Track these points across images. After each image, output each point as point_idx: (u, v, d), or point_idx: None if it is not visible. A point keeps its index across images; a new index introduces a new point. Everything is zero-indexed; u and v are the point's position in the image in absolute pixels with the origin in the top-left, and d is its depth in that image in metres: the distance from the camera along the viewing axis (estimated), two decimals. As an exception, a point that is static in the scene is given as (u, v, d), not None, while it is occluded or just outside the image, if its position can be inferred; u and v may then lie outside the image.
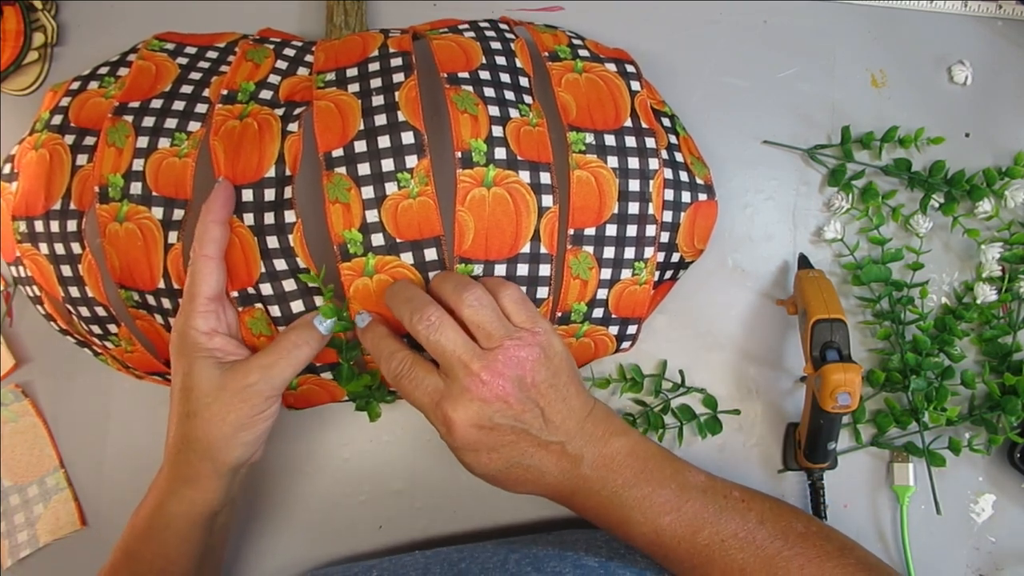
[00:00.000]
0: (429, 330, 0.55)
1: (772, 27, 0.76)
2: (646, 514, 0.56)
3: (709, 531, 0.55)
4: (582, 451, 0.57)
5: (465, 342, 0.55)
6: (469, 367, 0.54)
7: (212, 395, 0.56)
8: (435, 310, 0.56)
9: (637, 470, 0.57)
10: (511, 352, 0.55)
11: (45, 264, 0.61)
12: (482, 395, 0.54)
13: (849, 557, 0.55)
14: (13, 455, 0.71)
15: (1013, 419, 0.70)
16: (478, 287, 0.57)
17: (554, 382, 0.57)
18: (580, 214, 0.61)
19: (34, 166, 0.61)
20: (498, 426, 0.55)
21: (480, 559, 0.61)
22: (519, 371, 0.55)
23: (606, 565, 0.60)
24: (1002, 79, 0.76)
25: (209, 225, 0.56)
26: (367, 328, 0.60)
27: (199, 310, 0.57)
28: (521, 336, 0.56)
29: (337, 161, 0.57)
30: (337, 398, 0.66)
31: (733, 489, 0.58)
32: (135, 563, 0.59)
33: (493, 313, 0.56)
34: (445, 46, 0.63)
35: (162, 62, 0.63)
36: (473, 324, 0.56)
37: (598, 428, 0.58)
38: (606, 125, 0.63)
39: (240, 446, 0.57)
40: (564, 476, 0.57)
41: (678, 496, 0.56)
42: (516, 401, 0.55)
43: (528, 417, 0.55)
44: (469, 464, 0.57)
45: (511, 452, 0.56)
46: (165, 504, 0.58)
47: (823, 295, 0.66)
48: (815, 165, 0.75)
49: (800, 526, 0.56)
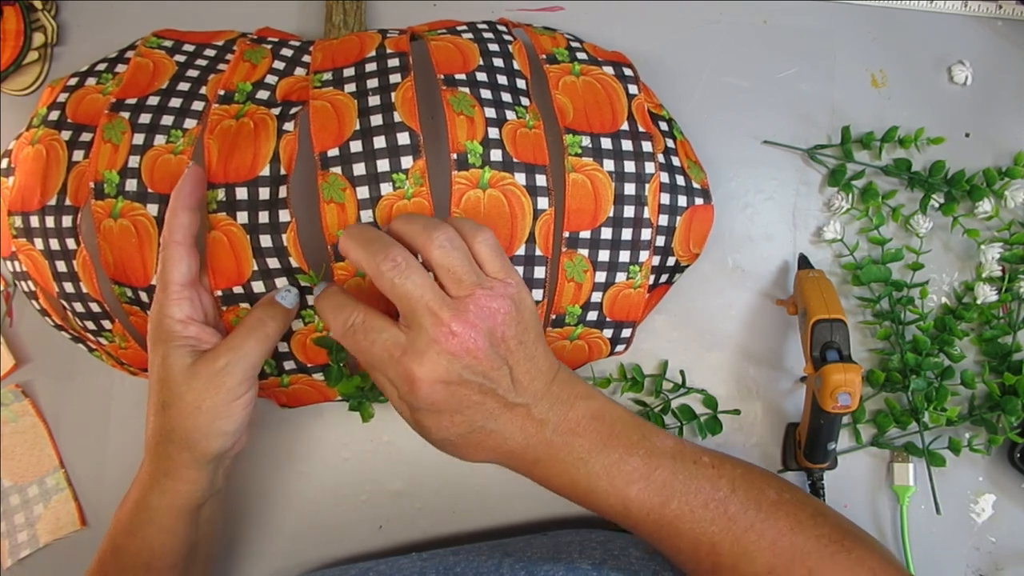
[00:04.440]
0: (394, 272, 0.50)
1: (772, 27, 0.76)
2: (614, 483, 0.53)
3: (679, 501, 0.53)
4: (547, 415, 0.54)
5: (433, 287, 0.51)
6: (438, 315, 0.50)
7: (186, 384, 0.55)
8: (400, 251, 0.51)
9: (604, 435, 0.54)
10: (483, 302, 0.51)
11: (40, 259, 0.61)
12: (451, 348, 0.50)
13: (823, 525, 0.53)
14: (13, 455, 0.72)
15: (1013, 419, 0.70)
16: (450, 228, 0.52)
17: (523, 339, 0.53)
18: (575, 217, 0.61)
19: (30, 162, 0.61)
20: (466, 383, 0.51)
21: (475, 562, 0.60)
22: (490, 323, 0.51)
23: (600, 568, 0.58)
24: (1002, 79, 0.76)
25: (178, 211, 0.55)
26: (322, 291, 0.56)
27: (172, 298, 0.55)
28: (493, 286, 0.52)
29: (332, 161, 0.57)
30: (330, 398, 0.66)
31: (703, 454, 0.55)
32: (121, 556, 0.58)
33: (464, 257, 0.52)
34: (442, 47, 0.63)
35: (160, 59, 0.63)
36: (442, 268, 0.51)
37: (564, 391, 0.55)
38: (603, 128, 0.62)
39: (218, 435, 0.56)
40: (527, 441, 0.54)
41: (647, 463, 0.53)
42: (486, 357, 0.51)
43: (496, 375, 0.52)
44: (427, 427, 0.54)
45: (475, 414, 0.52)
46: (147, 497, 0.58)
47: (823, 295, 0.66)
48: (815, 165, 0.75)
49: (773, 493, 0.54)
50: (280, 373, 0.63)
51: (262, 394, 0.65)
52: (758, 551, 0.52)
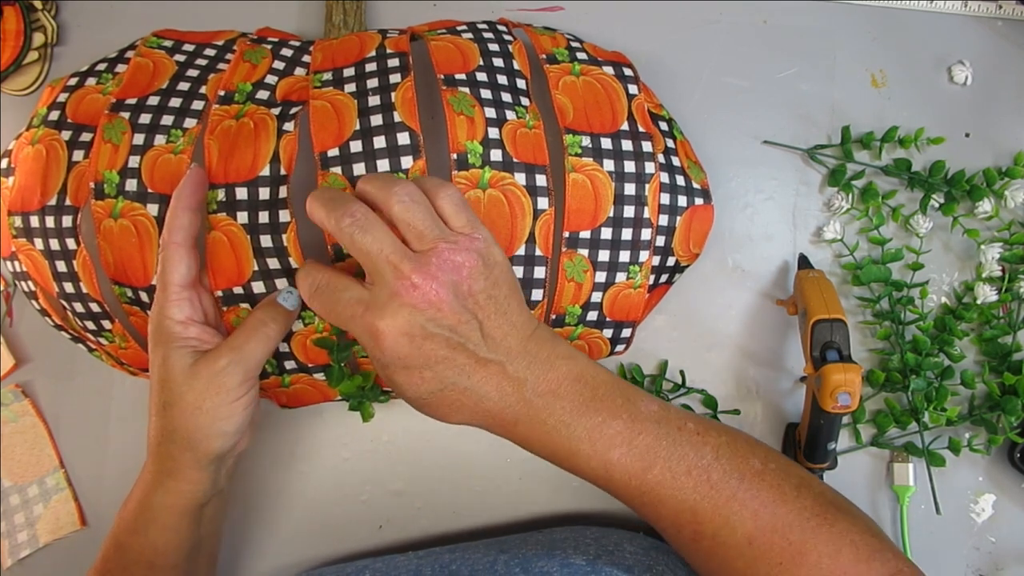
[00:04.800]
0: (353, 227, 0.50)
1: (772, 27, 0.76)
2: (595, 446, 0.52)
3: (661, 467, 0.52)
4: (524, 373, 0.53)
5: (394, 241, 0.50)
6: (399, 268, 0.50)
7: (186, 384, 0.55)
8: (359, 207, 0.51)
9: (586, 397, 0.53)
10: (446, 255, 0.50)
11: (40, 260, 0.61)
12: (412, 300, 0.49)
13: (806, 497, 0.52)
14: (13, 455, 0.72)
15: (1013, 419, 0.70)
16: (410, 184, 0.52)
17: (493, 293, 0.52)
18: (575, 217, 0.61)
19: (30, 162, 0.61)
20: (431, 335, 0.50)
21: (470, 560, 0.60)
22: (454, 276, 0.50)
23: (594, 564, 0.58)
24: (1002, 79, 0.76)
25: (178, 212, 0.55)
26: (299, 268, 0.57)
27: (172, 299, 0.55)
28: (457, 240, 0.51)
29: (333, 161, 0.57)
30: (331, 398, 0.66)
31: (688, 420, 0.55)
32: (124, 554, 0.59)
33: (426, 211, 0.52)
34: (442, 47, 0.63)
35: (160, 59, 0.63)
36: (403, 223, 0.51)
37: (543, 349, 0.54)
38: (603, 128, 0.62)
39: (219, 436, 0.56)
40: (505, 401, 0.53)
41: (630, 428, 0.53)
42: (451, 309, 0.50)
43: (464, 329, 0.51)
44: (400, 385, 0.53)
45: (446, 370, 0.51)
46: (151, 495, 0.58)
47: (823, 295, 0.66)
48: (815, 165, 0.75)
49: (757, 463, 0.53)
50: (281, 373, 0.63)
51: (263, 394, 0.65)
52: (739, 521, 0.51)
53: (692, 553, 0.54)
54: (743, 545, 0.51)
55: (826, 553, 0.50)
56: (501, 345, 0.53)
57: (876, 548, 0.51)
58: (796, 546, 0.50)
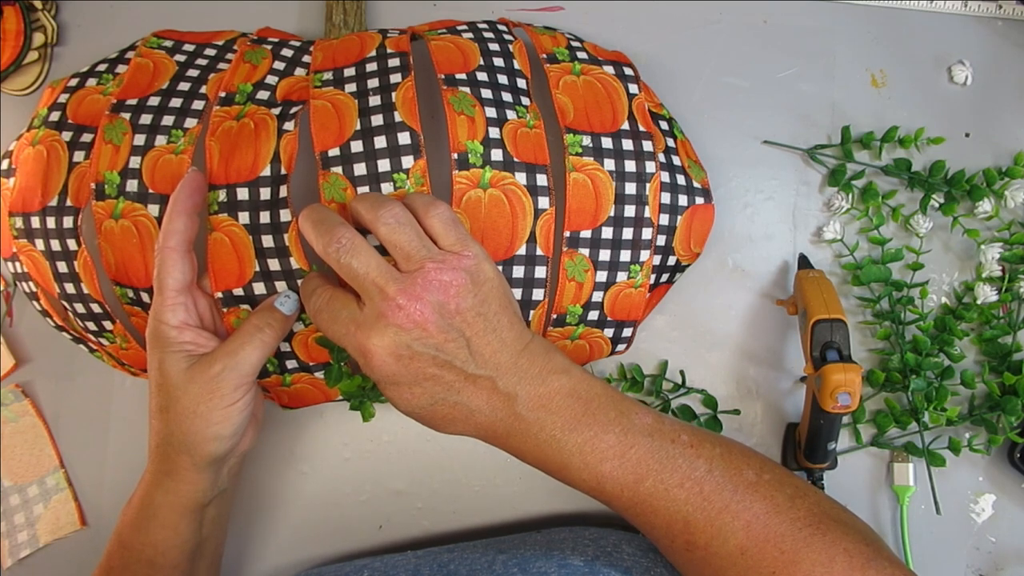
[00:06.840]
0: (340, 252, 0.51)
1: (772, 27, 0.76)
2: (586, 460, 0.53)
3: (653, 479, 0.52)
4: (515, 389, 0.53)
5: (380, 264, 0.52)
6: (384, 290, 0.51)
7: (182, 388, 0.55)
8: (346, 231, 0.52)
9: (578, 412, 0.53)
10: (432, 275, 0.51)
11: (41, 260, 0.61)
12: (398, 321, 0.50)
13: (799, 508, 0.52)
14: (13, 455, 0.72)
15: (1013, 419, 0.70)
16: (397, 204, 0.53)
17: (482, 310, 0.53)
18: (576, 216, 0.61)
19: (31, 162, 0.61)
20: (417, 355, 0.51)
21: (469, 560, 0.61)
22: (441, 296, 0.51)
23: (592, 564, 0.58)
24: (1002, 79, 0.76)
25: (174, 216, 0.55)
26: (303, 279, 0.58)
27: (167, 303, 0.56)
28: (445, 259, 0.52)
29: (333, 161, 0.57)
30: (331, 397, 0.66)
31: (683, 432, 0.54)
32: (127, 553, 0.59)
33: (413, 232, 0.52)
34: (443, 47, 0.63)
35: (160, 59, 0.63)
36: (390, 244, 0.52)
37: (535, 364, 0.54)
38: (603, 128, 0.62)
39: (214, 439, 0.56)
40: (496, 416, 0.53)
41: (622, 441, 0.53)
42: (436, 329, 0.51)
43: (451, 347, 0.52)
44: (393, 399, 0.54)
45: (435, 387, 0.53)
46: (152, 495, 0.58)
47: (823, 295, 0.66)
48: (815, 165, 0.75)
49: (751, 474, 0.53)
50: (283, 372, 0.63)
51: (266, 395, 0.65)
52: (732, 532, 0.51)
53: (685, 563, 0.54)
54: (736, 555, 0.51)
55: (819, 562, 0.50)
56: (491, 361, 0.53)
57: (870, 557, 0.51)
58: (788, 556, 0.51)
